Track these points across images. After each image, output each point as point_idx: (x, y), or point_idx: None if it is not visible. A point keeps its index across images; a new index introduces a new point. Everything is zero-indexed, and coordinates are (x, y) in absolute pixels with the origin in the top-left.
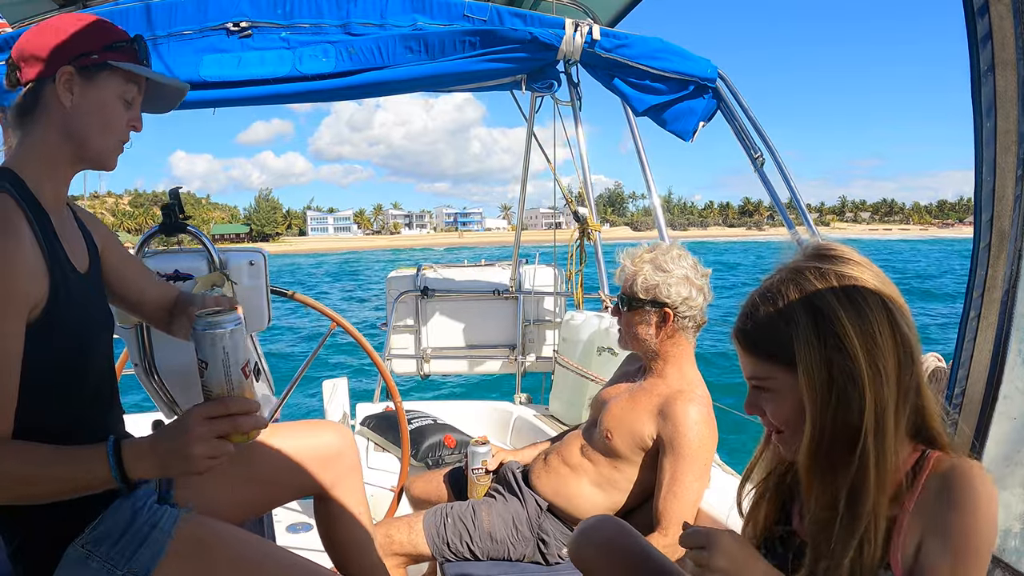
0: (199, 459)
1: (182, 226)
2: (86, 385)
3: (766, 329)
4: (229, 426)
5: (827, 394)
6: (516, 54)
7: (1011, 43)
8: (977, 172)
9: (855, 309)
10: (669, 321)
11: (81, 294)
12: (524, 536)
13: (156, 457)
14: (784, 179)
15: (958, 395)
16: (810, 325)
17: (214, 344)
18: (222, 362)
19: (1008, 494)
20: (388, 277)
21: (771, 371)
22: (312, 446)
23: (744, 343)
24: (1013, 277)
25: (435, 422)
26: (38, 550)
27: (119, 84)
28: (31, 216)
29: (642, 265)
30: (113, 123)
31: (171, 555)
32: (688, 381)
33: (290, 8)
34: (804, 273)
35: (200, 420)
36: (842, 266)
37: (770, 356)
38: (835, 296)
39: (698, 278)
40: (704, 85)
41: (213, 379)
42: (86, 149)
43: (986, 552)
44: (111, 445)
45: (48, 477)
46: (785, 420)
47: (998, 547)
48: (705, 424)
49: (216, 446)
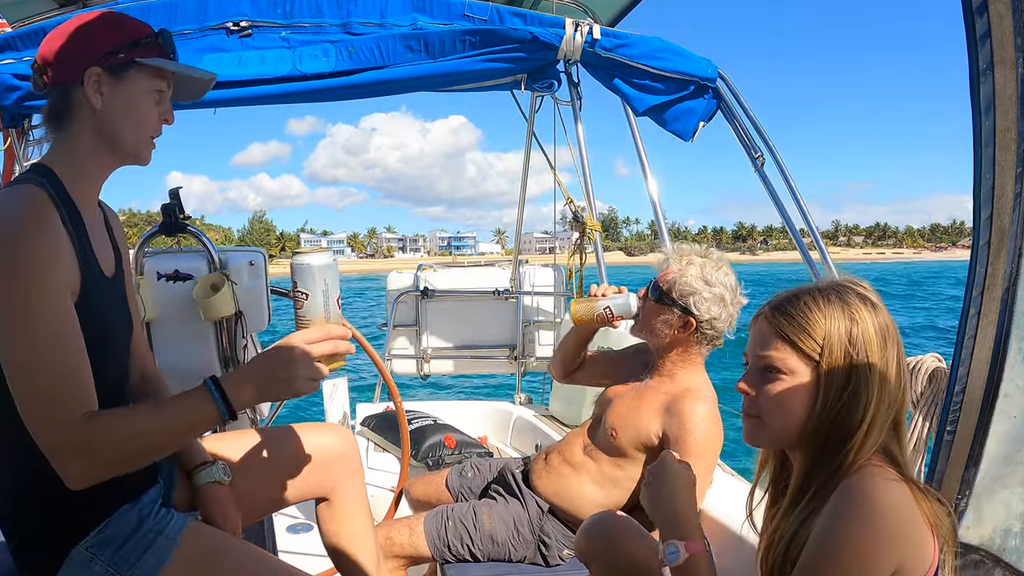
0: (303, 381)
1: (182, 226)
2: (103, 386)
3: (804, 319)
4: (332, 349)
5: (840, 393)
6: (516, 54)
7: (1010, 41)
8: (976, 170)
9: (880, 334)
10: (690, 329)
11: (105, 297)
12: (525, 538)
13: (258, 382)
14: (784, 179)
15: (958, 394)
16: (845, 330)
17: (316, 276)
18: (322, 292)
19: (1008, 493)
20: (388, 277)
21: (790, 357)
22: (314, 449)
23: (774, 323)
24: (1013, 275)
25: (435, 422)
26: (42, 552)
27: (148, 80)
28: (64, 213)
29: (689, 268)
30: (145, 120)
31: (175, 562)
32: (696, 382)
33: (290, 8)
34: (849, 289)
35: (303, 344)
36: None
37: (796, 344)
38: (871, 317)
39: (733, 302)
40: (704, 85)
41: (313, 308)
42: (120, 147)
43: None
44: (211, 383)
45: (162, 428)
46: (776, 405)
47: (998, 547)
48: (712, 423)
49: (316, 369)
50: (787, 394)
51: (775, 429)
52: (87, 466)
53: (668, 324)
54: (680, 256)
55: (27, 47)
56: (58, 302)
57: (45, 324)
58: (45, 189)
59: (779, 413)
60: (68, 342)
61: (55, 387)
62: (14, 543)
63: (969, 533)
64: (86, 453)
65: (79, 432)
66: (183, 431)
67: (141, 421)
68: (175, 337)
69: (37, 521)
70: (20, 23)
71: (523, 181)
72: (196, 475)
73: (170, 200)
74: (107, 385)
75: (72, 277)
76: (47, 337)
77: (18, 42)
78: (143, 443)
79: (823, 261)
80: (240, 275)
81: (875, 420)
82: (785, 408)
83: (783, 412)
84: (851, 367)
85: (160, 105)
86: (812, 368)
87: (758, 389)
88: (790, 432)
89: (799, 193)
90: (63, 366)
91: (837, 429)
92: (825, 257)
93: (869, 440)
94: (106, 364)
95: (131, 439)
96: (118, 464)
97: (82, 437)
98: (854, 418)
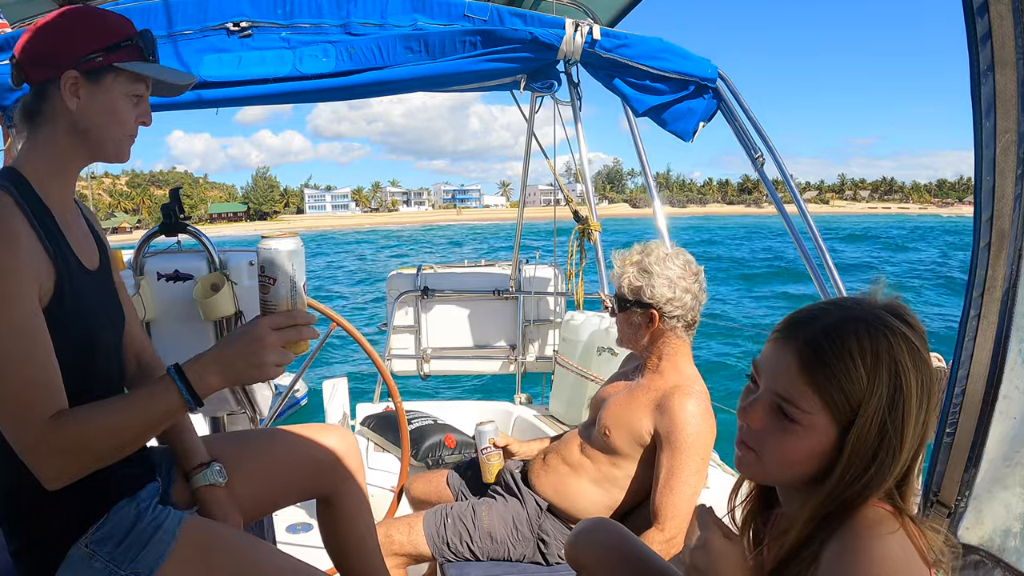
0: (270, 366)
1: (182, 226)
2: (94, 382)
3: (844, 374)
4: (296, 335)
5: (865, 464)
6: (516, 54)
7: (1011, 42)
8: (977, 171)
9: (919, 391)
10: (655, 322)
11: (89, 291)
12: (524, 536)
13: (223, 367)
14: (785, 180)
15: (958, 395)
16: (888, 397)
17: (282, 261)
18: (289, 278)
19: (1008, 494)
20: (388, 277)
21: (816, 411)
22: (315, 450)
23: (804, 364)
24: (1013, 276)
25: (435, 422)
26: (42, 549)
27: (126, 84)
28: (31, 213)
29: (628, 267)
30: (122, 123)
31: (174, 557)
32: (685, 377)
33: (290, 8)
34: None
35: (269, 330)
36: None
37: (827, 398)
38: (915, 371)
39: (686, 279)
40: (704, 85)
41: (279, 294)
42: (96, 148)
43: None
44: (174, 371)
45: (128, 422)
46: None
47: (998, 547)
48: (702, 418)
49: (283, 354)
50: (800, 449)
51: (772, 475)
52: (59, 466)
53: (637, 324)
54: (620, 262)
55: None
56: (22, 306)
57: (10, 330)
58: (9, 192)
59: (783, 464)
60: (34, 345)
61: (23, 390)
62: (13, 541)
63: (969, 534)
64: (56, 452)
65: (48, 432)
66: (151, 422)
67: (108, 416)
68: (175, 337)
69: (36, 519)
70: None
71: (523, 182)
72: (192, 478)
73: (170, 200)
74: (98, 379)
75: (43, 276)
76: (12, 342)
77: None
78: (113, 438)
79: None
80: (240, 275)
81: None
82: (791, 460)
83: (788, 464)
84: (883, 435)
85: (138, 107)
86: (838, 430)
87: (765, 428)
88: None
89: (799, 194)
90: (30, 368)
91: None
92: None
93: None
94: (96, 358)
95: (100, 435)
96: (92, 461)
97: (51, 437)
98: (872, 485)
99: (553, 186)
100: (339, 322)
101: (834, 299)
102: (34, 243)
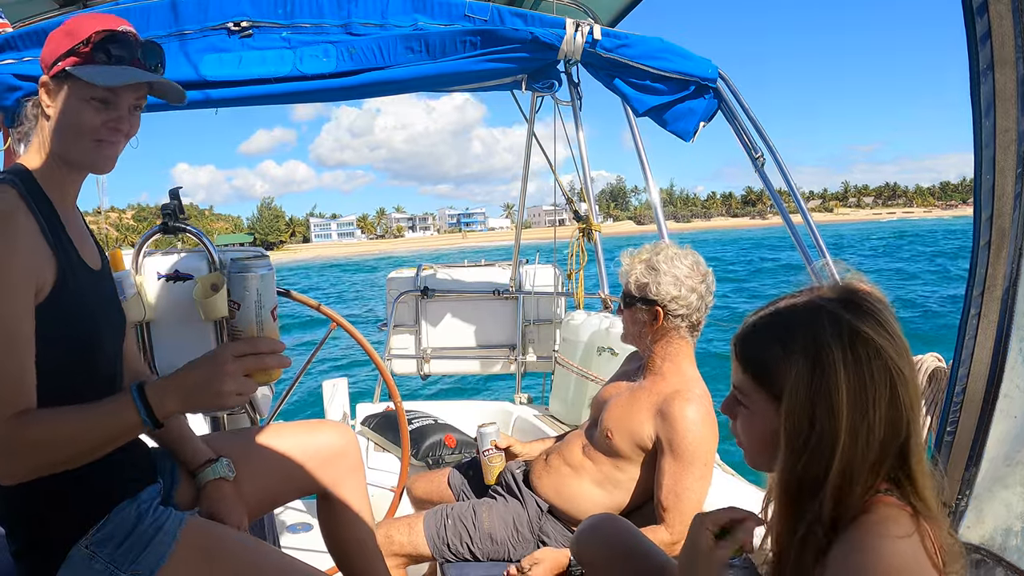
0: (230, 395)
1: (182, 226)
2: (95, 378)
3: (763, 354)
4: (257, 364)
5: (801, 444)
6: (517, 54)
7: (1010, 42)
8: (976, 170)
9: (857, 373)
10: (660, 320)
11: (91, 288)
12: (524, 537)
13: (183, 393)
14: (785, 179)
15: (958, 394)
16: (806, 371)
17: (248, 286)
18: (255, 303)
19: (1009, 493)
20: (388, 277)
21: (754, 392)
22: (314, 445)
23: (738, 354)
24: (1013, 275)
25: (435, 422)
26: (42, 550)
27: (82, 88)
28: (35, 207)
29: (636, 264)
30: (82, 127)
31: (175, 559)
32: (686, 380)
33: (291, 8)
34: (821, 313)
35: (231, 358)
36: (862, 321)
37: (758, 379)
38: (842, 352)
39: (693, 278)
40: (705, 85)
41: (244, 320)
42: (64, 154)
43: None
44: (135, 389)
45: (89, 433)
46: (747, 438)
47: (999, 545)
48: (704, 424)
49: (244, 383)
50: (755, 431)
51: (758, 462)
52: (6, 465)
53: (641, 321)
54: (631, 259)
55: (28, 47)
56: (9, 303)
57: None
58: (15, 187)
59: (753, 449)
60: (16, 342)
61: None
62: (14, 542)
63: (970, 533)
64: (13, 451)
65: (9, 429)
66: (106, 437)
67: (65, 425)
68: (175, 337)
69: (36, 520)
70: (21, 23)
71: (523, 182)
72: (200, 472)
73: (170, 200)
74: (100, 381)
75: (44, 270)
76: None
77: (19, 42)
78: (71, 446)
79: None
80: None
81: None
82: (757, 444)
83: (757, 450)
84: (812, 414)
85: (107, 110)
86: (773, 403)
87: (735, 419)
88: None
89: (799, 194)
90: (7, 363)
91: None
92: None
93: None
94: (96, 358)
95: (59, 441)
96: (46, 465)
97: (11, 434)
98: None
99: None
100: (339, 322)
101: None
102: (36, 237)
